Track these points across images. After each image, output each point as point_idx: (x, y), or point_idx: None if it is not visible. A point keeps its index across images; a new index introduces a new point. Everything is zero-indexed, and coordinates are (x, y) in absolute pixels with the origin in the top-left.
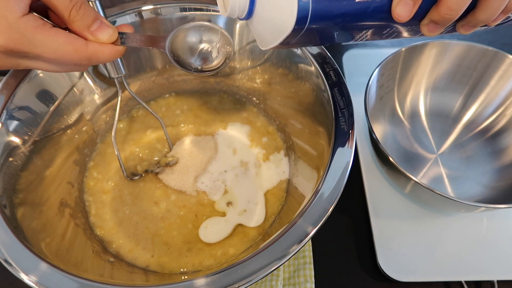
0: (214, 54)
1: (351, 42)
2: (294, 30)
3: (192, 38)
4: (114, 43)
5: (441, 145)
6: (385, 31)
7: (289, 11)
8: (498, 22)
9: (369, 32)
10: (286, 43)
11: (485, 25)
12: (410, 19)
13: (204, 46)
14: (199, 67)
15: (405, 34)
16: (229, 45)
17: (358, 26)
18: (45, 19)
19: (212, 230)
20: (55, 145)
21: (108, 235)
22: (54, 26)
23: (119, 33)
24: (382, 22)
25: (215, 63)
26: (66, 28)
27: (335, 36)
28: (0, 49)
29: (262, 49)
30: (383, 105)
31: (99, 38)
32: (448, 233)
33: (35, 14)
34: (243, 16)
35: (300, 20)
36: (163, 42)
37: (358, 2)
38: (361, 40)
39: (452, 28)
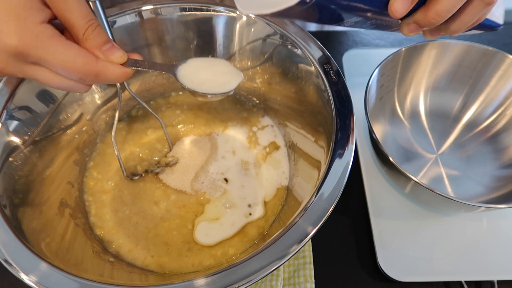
0: (221, 83)
1: (337, 26)
2: (300, 2)
3: (201, 68)
4: (123, 65)
5: (441, 145)
6: (369, 21)
7: None
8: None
9: (358, 18)
10: (286, 13)
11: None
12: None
13: (212, 76)
14: (207, 92)
15: (381, 27)
16: (236, 74)
17: (355, 8)
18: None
19: (210, 232)
20: (55, 145)
21: (108, 235)
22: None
23: (128, 58)
24: (373, 12)
25: (222, 90)
26: None
27: (332, 15)
28: (11, 50)
29: (260, 11)
30: (383, 105)
31: (110, 58)
32: (448, 233)
33: (53, 26)
34: None
35: None
36: (172, 69)
37: None
38: (348, 25)
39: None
